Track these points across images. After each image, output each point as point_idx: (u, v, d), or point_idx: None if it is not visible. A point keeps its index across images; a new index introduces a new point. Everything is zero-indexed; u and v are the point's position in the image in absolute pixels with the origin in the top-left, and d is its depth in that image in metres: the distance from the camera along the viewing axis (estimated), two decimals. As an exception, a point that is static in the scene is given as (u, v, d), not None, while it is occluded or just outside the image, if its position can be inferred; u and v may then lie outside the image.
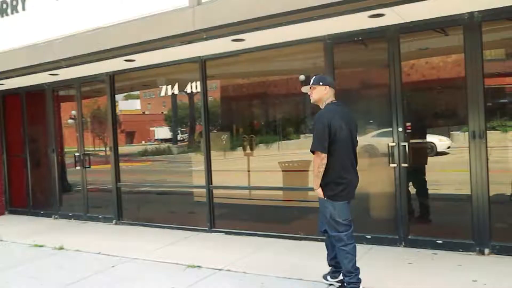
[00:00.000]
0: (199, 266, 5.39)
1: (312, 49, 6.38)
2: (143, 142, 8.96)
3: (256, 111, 7.57)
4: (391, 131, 5.66)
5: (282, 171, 6.86)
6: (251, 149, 7.05)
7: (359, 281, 4.11)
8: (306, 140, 6.65)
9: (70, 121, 9.44)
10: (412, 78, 5.91)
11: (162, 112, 8.44)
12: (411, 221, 5.68)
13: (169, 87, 7.63)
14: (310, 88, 4.34)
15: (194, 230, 7.20)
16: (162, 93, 7.69)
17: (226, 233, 6.91)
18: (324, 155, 4.02)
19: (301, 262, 5.31)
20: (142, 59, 7.10)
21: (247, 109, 7.56)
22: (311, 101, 4.39)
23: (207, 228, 7.10)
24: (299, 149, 6.81)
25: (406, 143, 5.56)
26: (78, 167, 8.85)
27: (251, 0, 5.25)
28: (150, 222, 7.83)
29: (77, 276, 5.32)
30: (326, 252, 4.49)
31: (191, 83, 7.29)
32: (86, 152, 8.81)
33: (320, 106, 4.31)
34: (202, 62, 7.06)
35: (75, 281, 5.15)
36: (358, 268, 4.13)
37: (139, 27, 6.14)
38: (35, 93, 9.57)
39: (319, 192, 4.14)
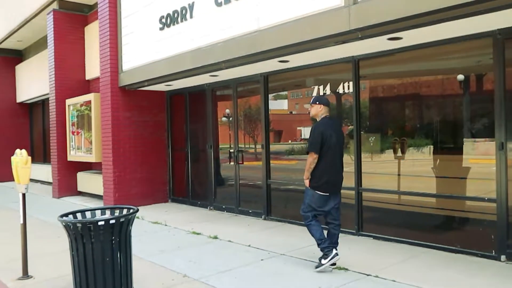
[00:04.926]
0: (346, 269, 5.34)
1: (477, 46, 5.84)
2: (290, 141, 9.16)
3: (409, 113, 7.19)
4: None
5: (436, 177, 6.42)
6: (402, 152, 6.73)
7: (330, 245, 5.24)
8: (465, 145, 6.12)
9: (224, 119, 10.10)
10: None
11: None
12: None
13: (321, 87, 7.67)
14: (311, 105, 5.56)
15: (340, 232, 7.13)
16: (314, 94, 7.75)
17: (374, 237, 6.71)
18: (316, 156, 5.24)
19: (456, 275, 4.92)
20: (296, 60, 7.24)
21: (399, 110, 7.23)
22: (310, 115, 5.63)
23: (354, 231, 6.97)
24: (455, 154, 6.29)
25: None
26: (232, 163, 9.42)
27: (410, -5, 4.99)
28: (296, 220, 7.98)
29: (229, 265, 5.66)
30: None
31: (343, 83, 7.24)
32: (239, 149, 9.33)
33: (317, 119, 5.52)
34: (355, 62, 6.94)
35: (228, 270, 5.49)
36: (325, 236, 5.33)
37: (294, 29, 6.27)
38: (196, 93, 10.46)
39: (307, 182, 5.36)
